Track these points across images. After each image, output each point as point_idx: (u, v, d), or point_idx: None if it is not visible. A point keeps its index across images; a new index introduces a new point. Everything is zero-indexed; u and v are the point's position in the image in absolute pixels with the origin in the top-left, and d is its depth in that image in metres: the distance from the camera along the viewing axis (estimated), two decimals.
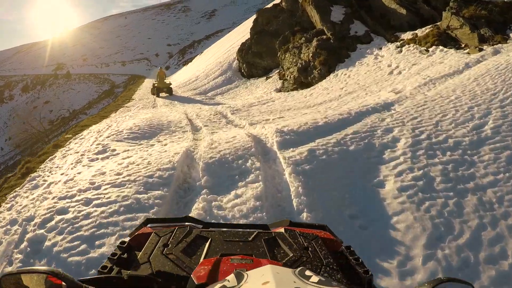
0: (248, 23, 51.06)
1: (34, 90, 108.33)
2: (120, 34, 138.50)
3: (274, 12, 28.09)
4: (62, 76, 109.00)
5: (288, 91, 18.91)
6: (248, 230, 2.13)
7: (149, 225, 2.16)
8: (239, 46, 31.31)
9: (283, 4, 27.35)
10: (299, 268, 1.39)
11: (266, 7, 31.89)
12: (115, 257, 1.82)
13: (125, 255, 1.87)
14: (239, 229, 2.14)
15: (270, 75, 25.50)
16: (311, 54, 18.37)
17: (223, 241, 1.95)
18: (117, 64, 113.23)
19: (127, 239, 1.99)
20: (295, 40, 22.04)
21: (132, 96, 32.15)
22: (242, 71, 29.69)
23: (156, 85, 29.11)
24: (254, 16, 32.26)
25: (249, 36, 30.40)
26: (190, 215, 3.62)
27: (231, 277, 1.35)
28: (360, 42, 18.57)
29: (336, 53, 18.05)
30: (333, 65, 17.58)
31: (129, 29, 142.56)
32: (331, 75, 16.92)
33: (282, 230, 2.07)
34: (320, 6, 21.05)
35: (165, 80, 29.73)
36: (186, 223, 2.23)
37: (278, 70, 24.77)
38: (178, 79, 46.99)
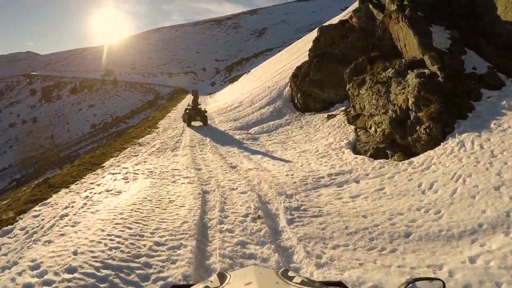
0: (302, 43, 45.26)
1: (82, 92, 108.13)
2: (169, 46, 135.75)
3: (341, 31, 21.45)
4: (110, 82, 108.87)
5: (371, 154, 12.05)
6: None
7: None
8: (294, 71, 24.89)
9: (353, 20, 20.66)
10: (282, 269, 1.48)
11: (330, 23, 25.25)
12: None
13: None
14: None
15: (333, 113, 18.86)
16: (412, 99, 11.57)
17: None
18: (164, 75, 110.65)
19: None
20: (374, 70, 15.35)
21: (160, 121, 26.22)
22: (296, 101, 23.20)
23: (188, 111, 23.03)
24: (313, 34, 25.64)
25: (306, 59, 24.09)
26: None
27: (214, 277, 1.37)
28: (486, 86, 11.71)
29: (452, 102, 11.22)
30: (450, 121, 10.70)
31: (178, 42, 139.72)
32: (450, 141, 10.01)
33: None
34: (416, 24, 14.36)
35: (199, 106, 23.67)
36: None
37: (344, 108, 18.19)
38: (220, 100, 41.09)
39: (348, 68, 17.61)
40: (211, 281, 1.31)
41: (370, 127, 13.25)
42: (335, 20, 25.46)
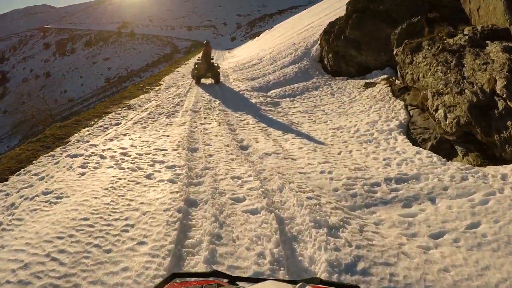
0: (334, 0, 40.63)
1: (96, 45, 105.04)
2: None
3: None
4: (126, 34, 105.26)
5: (432, 146, 8.14)
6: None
7: (175, 279, 1.97)
8: (326, 27, 20.70)
9: None
10: (299, 284, 1.37)
11: None
12: None
13: None
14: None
15: (371, 81, 14.95)
16: (503, 81, 7.43)
17: None
18: (183, 29, 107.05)
19: None
20: (435, 35, 11.25)
21: (166, 76, 22.29)
22: (325, 63, 19.19)
23: (197, 66, 19.15)
24: None
25: (343, 14, 19.98)
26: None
27: None
28: None
29: None
30: None
31: None
32: None
33: None
34: None
35: (212, 61, 19.73)
36: (214, 278, 2.05)
37: (386, 76, 14.46)
38: (238, 55, 36.90)
39: (399, 28, 13.64)
40: None
41: (436, 109, 9.14)
42: None
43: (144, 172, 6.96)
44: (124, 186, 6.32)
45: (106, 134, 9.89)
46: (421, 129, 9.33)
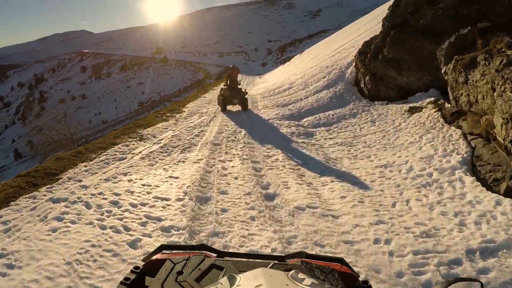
0: (365, 20, 38.58)
1: (131, 70, 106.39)
2: (221, 26, 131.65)
3: None
4: (159, 60, 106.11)
5: (507, 190, 6.09)
6: (263, 261, 1.96)
7: (163, 251, 1.96)
8: (361, 47, 18.82)
9: None
10: (292, 271, 1.38)
11: None
12: (128, 282, 1.64)
13: (138, 280, 1.69)
14: (255, 259, 1.99)
15: (416, 105, 12.90)
16: None
17: (238, 271, 1.72)
18: (215, 55, 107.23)
19: (140, 264, 1.81)
20: (492, 47, 9.25)
21: (190, 103, 20.59)
22: (362, 86, 17.32)
23: (223, 92, 17.47)
24: (376, 12, 19.60)
25: (378, 32, 18.14)
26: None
27: (224, 280, 1.33)
28: None
29: None
30: None
31: (230, 21, 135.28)
32: None
33: (298, 262, 1.90)
34: None
35: (239, 86, 18.02)
36: (201, 251, 2.00)
37: (433, 99, 12.48)
38: (268, 81, 35.23)
39: (446, 42, 11.67)
40: (221, 283, 1.25)
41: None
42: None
43: (130, 236, 5.02)
44: (94, 260, 4.40)
45: (104, 172, 8.08)
46: (491, 166, 7.17)
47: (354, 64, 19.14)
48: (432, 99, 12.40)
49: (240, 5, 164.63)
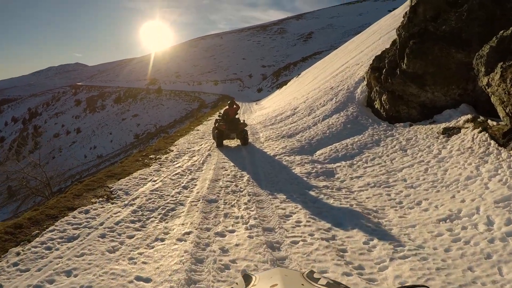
0: (364, 36, 35.94)
1: (126, 102, 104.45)
2: (214, 54, 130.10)
3: None
4: (154, 91, 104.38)
5: None
6: None
7: None
8: (373, 62, 16.14)
9: None
10: (307, 270, 1.38)
11: None
12: None
13: None
14: None
15: (450, 125, 10.46)
16: None
17: None
18: (209, 83, 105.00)
19: None
20: None
21: (180, 138, 17.44)
22: (377, 106, 14.76)
23: (218, 125, 14.59)
24: (373, 27, 17.24)
25: (383, 47, 15.98)
26: None
27: (240, 279, 1.34)
28: None
29: None
30: None
31: (224, 49, 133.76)
32: None
33: None
34: None
35: (237, 116, 15.20)
36: None
37: (470, 116, 10.08)
38: (266, 107, 32.47)
39: (485, 47, 9.04)
40: (237, 283, 1.29)
41: None
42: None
43: None
44: None
45: (39, 269, 5.06)
46: None
47: (365, 82, 16.56)
48: (469, 116, 10.02)
49: (232, 32, 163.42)
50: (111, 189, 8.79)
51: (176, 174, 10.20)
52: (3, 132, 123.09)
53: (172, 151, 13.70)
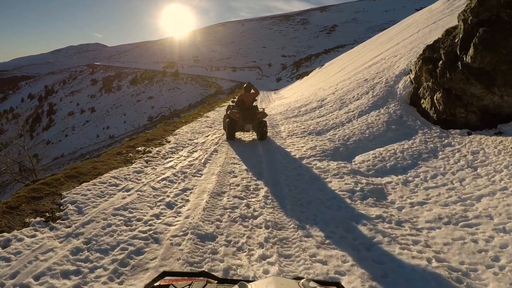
0: (399, 28, 32.58)
1: (142, 84, 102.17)
2: (235, 40, 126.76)
3: None
4: (171, 74, 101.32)
5: None
6: None
7: (165, 278, 1.84)
8: (423, 52, 13.16)
9: None
10: (303, 279, 1.37)
11: None
12: None
13: None
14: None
15: None
16: None
17: None
18: (228, 70, 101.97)
19: None
20: None
21: (184, 125, 14.32)
22: (425, 106, 11.83)
23: (230, 113, 11.63)
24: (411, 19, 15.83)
25: (445, 33, 13.28)
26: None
27: None
28: None
29: None
30: None
31: (244, 36, 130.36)
32: None
33: None
34: None
35: (254, 104, 12.14)
36: (202, 278, 1.89)
37: None
38: (286, 96, 29.29)
39: None
40: None
41: None
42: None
43: None
44: None
45: None
46: None
47: (412, 75, 13.38)
48: None
49: (254, 20, 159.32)
50: (62, 201, 5.78)
51: (163, 179, 7.10)
52: (18, 108, 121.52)
53: (169, 142, 10.56)
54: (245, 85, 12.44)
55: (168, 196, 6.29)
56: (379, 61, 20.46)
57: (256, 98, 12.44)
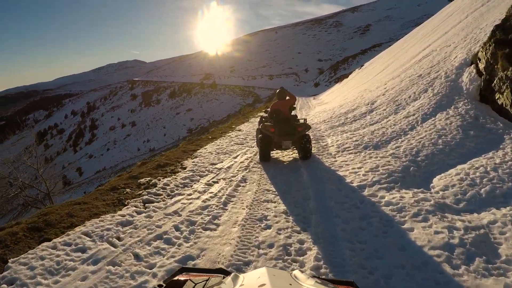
0: (444, 13, 29.21)
1: (180, 97, 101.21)
2: (269, 48, 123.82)
3: None
4: (208, 85, 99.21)
5: None
6: None
7: (184, 273, 1.84)
8: (493, 34, 10.56)
9: None
10: (295, 270, 1.37)
11: None
12: None
13: None
14: None
15: None
16: None
17: None
18: (264, 78, 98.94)
19: (163, 284, 1.67)
20: None
21: (211, 142, 11.74)
22: (503, 102, 9.01)
23: (263, 126, 8.90)
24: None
25: (507, 10, 11.17)
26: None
27: (228, 280, 1.33)
28: None
29: None
30: None
31: (278, 43, 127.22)
32: None
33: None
34: None
35: (293, 113, 9.51)
36: (219, 274, 1.82)
37: None
38: (327, 101, 26.51)
39: None
40: (225, 283, 1.27)
41: None
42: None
43: None
44: None
45: None
46: None
47: (482, 64, 10.56)
48: None
49: (287, 26, 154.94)
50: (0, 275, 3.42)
51: (156, 237, 4.55)
52: (62, 124, 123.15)
53: (184, 169, 8.00)
54: (277, 90, 9.73)
55: (154, 275, 3.76)
56: (429, 53, 17.50)
57: (294, 105, 9.71)
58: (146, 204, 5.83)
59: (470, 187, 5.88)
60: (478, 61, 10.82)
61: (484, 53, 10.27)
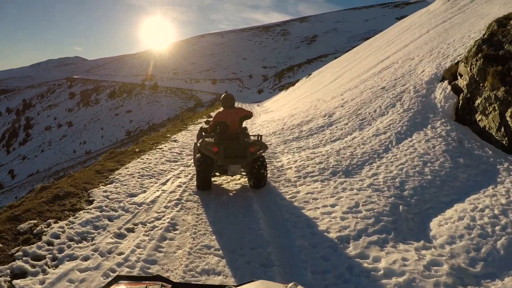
0: (406, 23, 28.74)
1: (120, 97, 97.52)
2: (214, 52, 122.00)
3: None
4: (149, 87, 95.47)
5: None
6: None
7: (119, 282, 1.73)
8: (479, 48, 9.25)
9: None
10: (291, 283, 1.32)
11: None
12: None
13: None
14: None
15: None
16: None
17: None
18: (207, 82, 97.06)
19: None
20: None
21: (135, 159, 9.08)
22: (485, 125, 8.02)
23: (202, 146, 6.46)
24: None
25: (486, 25, 10.47)
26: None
27: None
28: None
29: None
30: None
31: (224, 48, 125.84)
32: None
33: None
34: None
35: (244, 124, 7.24)
36: (156, 281, 1.77)
37: None
38: (273, 109, 24.74)
39: None
40: None
41: None
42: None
43: None
44: None
45: None
46: None
47: (465, 81, 9.26)
48: None
49: (234, 31, 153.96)
50: None
51: None
52: None
53: (91, 202, 5.49)
54: (222, 96, 7.23)
55: None
56: (390, 65, 16.31)
57: (246, 117, 7.41)
58: (14, 282, 3.43)
59: (482, 239, 4.39)
60: (459, 77, 9.34)
61: (468, 68, 8.78)
